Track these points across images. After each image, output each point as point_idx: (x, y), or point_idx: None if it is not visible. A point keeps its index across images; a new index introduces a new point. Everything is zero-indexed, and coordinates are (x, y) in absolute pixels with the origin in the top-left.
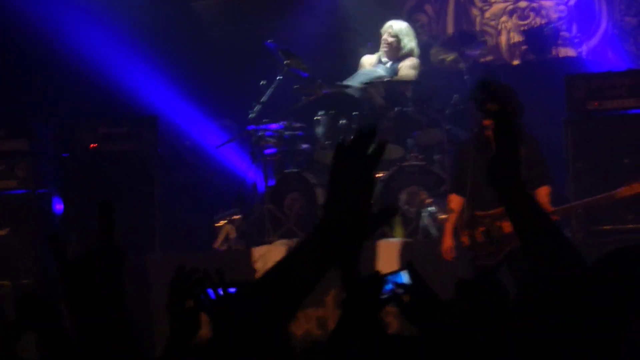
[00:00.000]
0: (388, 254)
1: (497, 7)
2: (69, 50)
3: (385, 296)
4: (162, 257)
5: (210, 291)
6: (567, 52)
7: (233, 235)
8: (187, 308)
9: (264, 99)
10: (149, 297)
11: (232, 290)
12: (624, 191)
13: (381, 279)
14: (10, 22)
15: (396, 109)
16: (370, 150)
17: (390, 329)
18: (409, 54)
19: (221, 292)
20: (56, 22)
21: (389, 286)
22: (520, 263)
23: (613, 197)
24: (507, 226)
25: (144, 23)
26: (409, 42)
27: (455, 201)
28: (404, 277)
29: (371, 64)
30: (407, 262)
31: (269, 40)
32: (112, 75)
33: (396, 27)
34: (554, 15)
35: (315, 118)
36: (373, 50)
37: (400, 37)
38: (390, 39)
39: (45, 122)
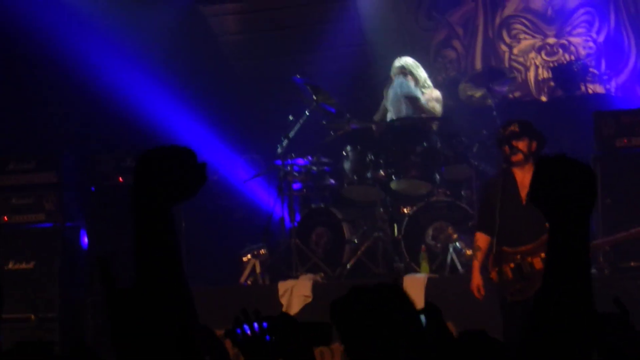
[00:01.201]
0: (414, 289)
1: (525, 44)
2: (97, 83)
3: None
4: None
5: (246, 327)
6: (596, 88)
7: (259, 269)
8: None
9: (291, 133)
10: None
11: (264, 325)
12: None
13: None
14: (41, 54)
15: (425, 144)
16: None
17: None
18: (424, 84)
19: (256, 328)
20: (86, 55)
21: None
22: None
23: None
24: (537, 262)
25: (172, 57)
26: (421, 72)
27: (482, 239)
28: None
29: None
30: (427, 302)
31: (296, 75)
32: (139, 108)
33: (406, 64)
34: (583, 52)
35: (342, 153)
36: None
37: (413, 70)
38: (408, 77)
39: (72, 154)
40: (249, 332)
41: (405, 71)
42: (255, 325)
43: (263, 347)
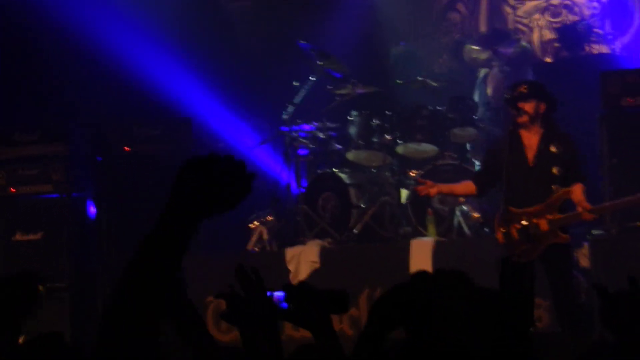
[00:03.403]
0: (421, 253)
1: (529, 5)
2: (102, 53)
3: None
4: (197, 258)
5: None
6: (601, 48)
7: (266, 236)
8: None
9: (297, 99)
10: None
11: (282, 293)
12: None
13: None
14: (45, 25)
15: (430, 107)
16: None
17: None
18: None
19: (274, 296)
20: (90, 24)
21: None
22: (556, 261)
23: None
24: (544, 224)
25: (178, 26)
26: None
27: (467, 185)
28: None
29: None
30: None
31: (302, 41)
32: (145, 78)
33: None
34: (587, 12)
35: (348, 118)
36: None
37: None
38: None
39: (79, 124)
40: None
41: None
42: (273, 293)
43: (280, 316)
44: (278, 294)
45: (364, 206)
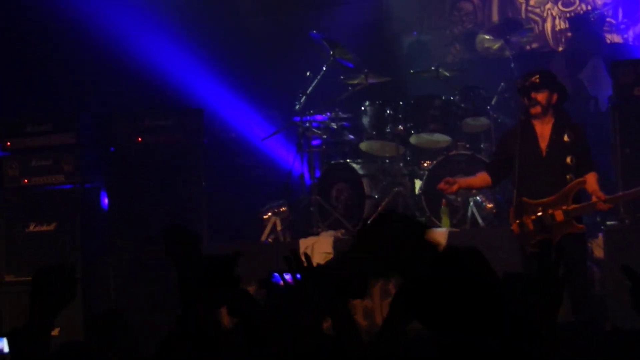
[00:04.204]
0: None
1: None
2: (113, 43)
3: None
4: (210, 249)
5: (277, 276)
6: (613, 38)
7: (279, 227)
8: None
9: (309, 90)
10: None
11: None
12: None
13: None
14: (59, 14)
15: (442, 97)
16: None
17: None
18: None
19: (290, 279)
20: (102, 14)
21: None
22: (571, 251)
23: None
24: (559, 214)
25: (188, 16)
26: None
27: (481, 177)
28: None
29: None
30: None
31: (313, 31)
32: (157, 68)
33: None
34: (599, 2)
35: (361, 108)
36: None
37: None
38: None
39: (91, 115)
40: (284, 281)
41: None
42: (290, 276)
43: (297, 298)
44: (288, 276)
45: (377, 197)
